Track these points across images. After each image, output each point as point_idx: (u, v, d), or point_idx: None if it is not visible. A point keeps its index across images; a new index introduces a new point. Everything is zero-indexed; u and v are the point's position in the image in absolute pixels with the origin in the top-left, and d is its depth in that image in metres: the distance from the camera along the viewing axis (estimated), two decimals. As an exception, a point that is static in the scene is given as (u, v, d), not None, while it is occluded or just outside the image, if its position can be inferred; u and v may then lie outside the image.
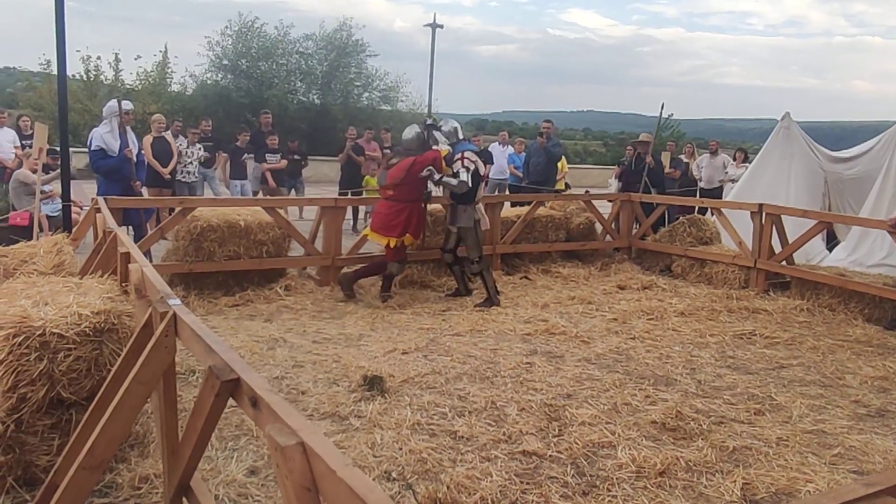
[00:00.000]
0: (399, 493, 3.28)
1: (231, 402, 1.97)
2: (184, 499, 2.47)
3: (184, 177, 9.88)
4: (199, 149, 10.21)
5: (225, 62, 26.78)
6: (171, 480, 2.43)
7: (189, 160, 9.96)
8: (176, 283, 6.61)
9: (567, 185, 12.73)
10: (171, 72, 26.89)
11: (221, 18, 30.97)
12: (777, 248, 7.92)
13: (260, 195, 10.63)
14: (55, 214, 8.50)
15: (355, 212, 11.63)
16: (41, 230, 7.48)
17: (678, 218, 9.22)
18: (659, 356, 5.52)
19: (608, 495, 3.35)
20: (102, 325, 3.18)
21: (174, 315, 2.34)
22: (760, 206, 7.97)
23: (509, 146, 12.78)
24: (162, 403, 2.42)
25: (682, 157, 13.06)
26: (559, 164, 11.35)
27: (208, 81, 27.05)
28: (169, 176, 9.49)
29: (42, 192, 7.59)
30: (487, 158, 12.11)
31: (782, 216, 7.90)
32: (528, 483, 3.43)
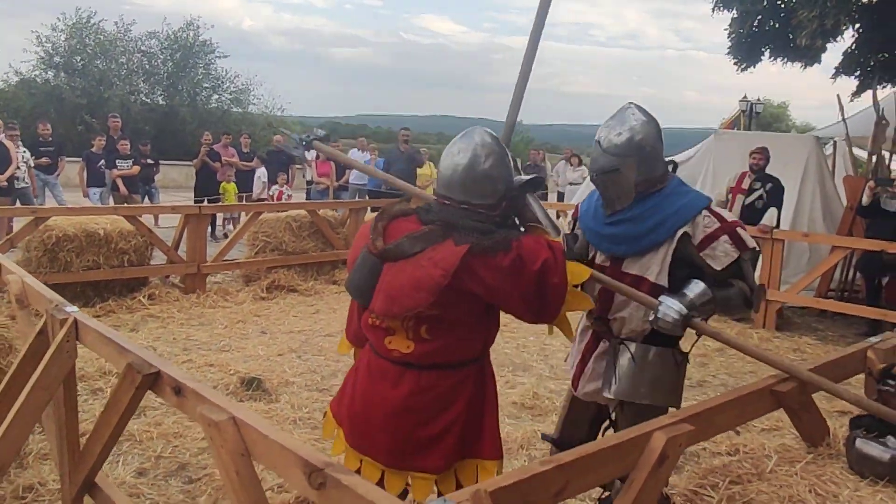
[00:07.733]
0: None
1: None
2: (86, 496, 2.60)
3: (15, 182, 9.33)
4: (25, 151, 9.73)
5: (56, 59, 24.92)
6: (74, 480, 2.55)
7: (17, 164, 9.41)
8: (29, 296, 6.33)
9: None
10: (-10, 66, 24.71)
11: (53, 10, 28.69)
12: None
13: (112, 203, 10.23)
14: None
15: (213, 219, 11.44)
16: None
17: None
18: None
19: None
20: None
21: (75, 321, 2.47)
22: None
23: (368, 152, 13.03)
24: (63, 407, 2.53)
25: (535, 161, 13.78)
26: (421, 171, 11.61)
27: (38, 80, 25.06)
28: (6, 183, 8.95)
29: None
30: (347, 164, 12.32)
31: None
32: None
